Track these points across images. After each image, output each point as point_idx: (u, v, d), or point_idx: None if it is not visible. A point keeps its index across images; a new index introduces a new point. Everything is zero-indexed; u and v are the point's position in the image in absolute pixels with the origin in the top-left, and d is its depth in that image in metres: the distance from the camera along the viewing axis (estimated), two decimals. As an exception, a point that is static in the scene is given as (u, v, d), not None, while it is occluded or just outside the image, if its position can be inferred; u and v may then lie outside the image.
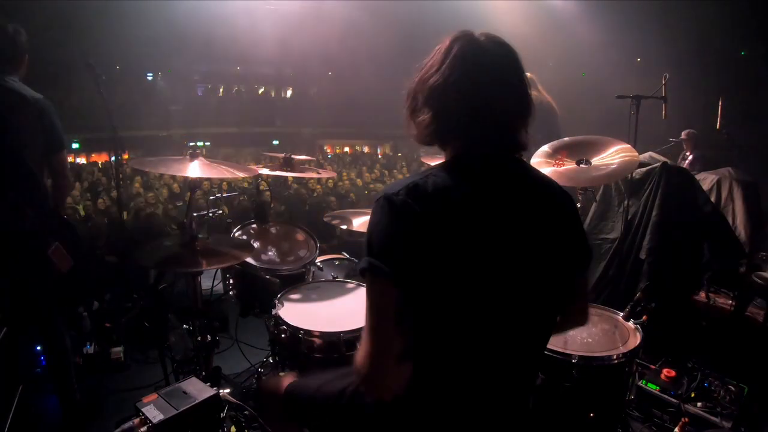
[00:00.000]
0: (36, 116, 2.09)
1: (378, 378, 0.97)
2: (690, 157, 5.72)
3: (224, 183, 7.45)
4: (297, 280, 2.42)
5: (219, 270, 2.73)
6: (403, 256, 0.92)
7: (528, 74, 1.18)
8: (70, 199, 6.55)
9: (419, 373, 1.03)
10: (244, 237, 2.64)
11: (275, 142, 18.43)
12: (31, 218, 2.08)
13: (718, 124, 5.20)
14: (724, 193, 3.68)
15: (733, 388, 2.36)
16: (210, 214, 2.47)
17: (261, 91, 19.89)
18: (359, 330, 1.83)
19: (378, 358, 0.95)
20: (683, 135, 5.77)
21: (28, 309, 2.24)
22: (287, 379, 1.47)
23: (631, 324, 1.99)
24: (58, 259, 2.13)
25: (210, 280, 2.63)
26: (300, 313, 2.00)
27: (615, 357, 1.78)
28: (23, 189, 2.08)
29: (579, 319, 1.27)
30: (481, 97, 1.00)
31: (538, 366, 1.41)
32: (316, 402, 1.31)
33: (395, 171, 11.50)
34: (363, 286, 2.16)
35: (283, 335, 1.94)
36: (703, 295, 2.96)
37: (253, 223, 2.71)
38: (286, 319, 1.93)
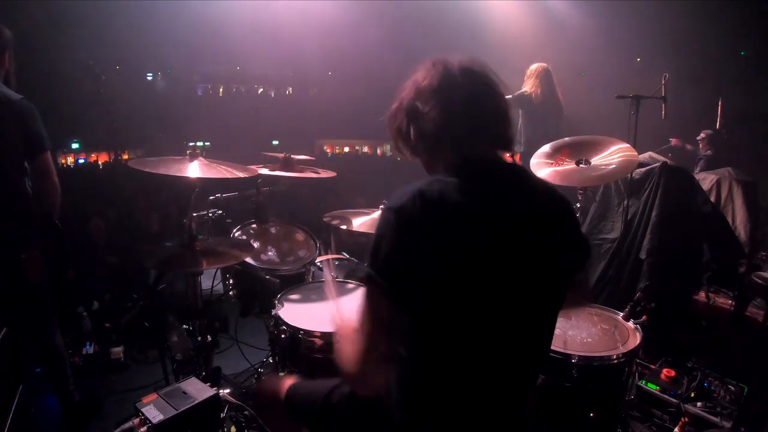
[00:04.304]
0: (14, 118, 1.99)
1: (363, 377, 1.03)
2: (704, 156, 5.29)
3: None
4: (297, 280, 2.42)
5: (219, 270, 2.73)
6: (402, 273, 0.94)
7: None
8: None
9: (419, 381, 1.03)
10: (244, 237, 2.64)
11: (275, 142, 18.37)
12: (6, 223, 2.01)
13: (718, 124, 5.18)
14: (724, 193, 3.68)
15: (733, 388, 2.36)
16: (210, 215, 2.47)
17: (261, 91, 19.85)
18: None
19: (365, 360, 1.00)
20: (702, 135, 5.36)
21: (14, 310, 2.17)
22: (287, 381, 1.47)
23: (631, 324, 1.99)
24: (29, 268, 2.04)
25: (210, 280, 2.63)
26: (300, 314, 2.00)
27: (615, 357, 1.79)
28: None
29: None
30: (470, 104, 1.05)
31: (539, 371, 1.41)
32: (316, 406, 1.32)
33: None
34: (363, 286, 2.13)
35: (282, 335, 1.94)
36: (703, 295, 2.96)
37: (252, 223, 2.72)
38: (285, 320, 1.94)
